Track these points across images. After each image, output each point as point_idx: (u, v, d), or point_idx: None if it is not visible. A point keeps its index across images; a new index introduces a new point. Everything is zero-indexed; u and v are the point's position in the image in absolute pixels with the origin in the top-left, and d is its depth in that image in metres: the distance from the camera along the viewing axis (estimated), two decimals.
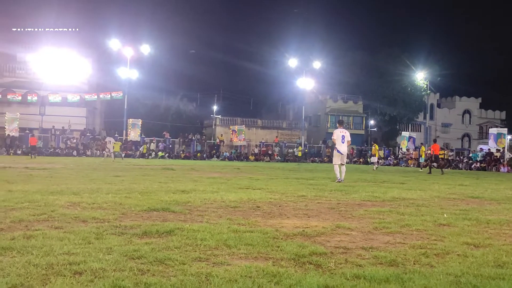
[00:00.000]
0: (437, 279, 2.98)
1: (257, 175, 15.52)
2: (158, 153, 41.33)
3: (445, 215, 5.93)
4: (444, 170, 25.24)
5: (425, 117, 62.19)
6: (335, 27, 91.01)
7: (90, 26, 58.12)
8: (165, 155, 41.28)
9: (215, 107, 58.13)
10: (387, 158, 44.76)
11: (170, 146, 44.32)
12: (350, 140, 12.98)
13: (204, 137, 49.68)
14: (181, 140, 45.74)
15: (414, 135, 44.40)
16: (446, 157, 38.05)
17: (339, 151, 12.67)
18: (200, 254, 3.50)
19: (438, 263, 3.42)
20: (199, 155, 42.53)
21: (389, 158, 44.74)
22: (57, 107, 42.69)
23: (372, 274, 3.02)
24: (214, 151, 44.74)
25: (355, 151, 48.12)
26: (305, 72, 48.90)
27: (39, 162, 21.89)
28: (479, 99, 65.21)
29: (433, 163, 25.20)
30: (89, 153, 38.73)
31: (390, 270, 3.18)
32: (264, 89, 62.51)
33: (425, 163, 27.31)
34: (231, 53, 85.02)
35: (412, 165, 38.22)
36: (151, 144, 42.79)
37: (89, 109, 46.51)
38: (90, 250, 3.48)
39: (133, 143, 41.62)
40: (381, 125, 59.15)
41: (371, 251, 3.77)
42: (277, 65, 54.95)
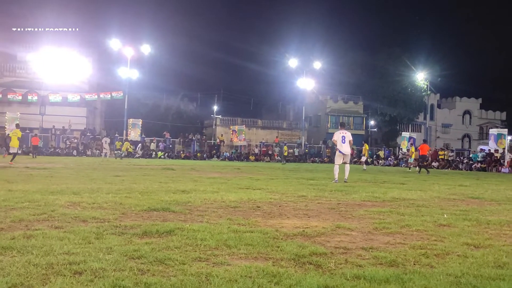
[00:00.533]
0: (437, 280, 2.98)
1: (257, 175, 15.52)
2: (157, 153, 41.26)
3: (445, 216, 5.93)
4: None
5: (425, 118, 62.08)
6: (335, 27, 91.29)
7: (90, 25, 58.27)
8: (165, 155, 41.20)
9: (215, 107, 58.07)
10: (387, 158, 44.74)
11: (170, 146, 44.30)
12: (351, 139, 13.13)
13: (204, 137, 49.66)
14: (181, 140, 45.73)
15: (414, 135, 44.34)
16: (446, 158, 38.05)
17: (340, 151, 12.82)
18: (200, 254, 3.50)
19: (438, 264, 3.42)
20: (199, 155, 42.52)
21: (389, 158, 44.71)
22: (57, 107, 42.68)
23: (372, 274, 3.02)
24: (214, 151, 44.72)
25: (355, 152, 48.04)
26: (305, 72, 48.87)
27: (39, 161, 21.90)
28: (480, 100, 65.07)
29: (425, 163, 25.26)
30: (89, 153, 38.71)
31: (390, 270, 3.18)
32: (264, 89, 62.63)
33: (415, 163, 27.58)
34: (232, 53, 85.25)
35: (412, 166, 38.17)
36: (151, 144, 42.78)
37: (89, 109, 46.50)
38: (90, 250, 3.48)
39: (133, 143, 41.59)
40: (381, 125, 59.13)
41: (371, 252, 3.76)
42: (277, 65, 54.96)
